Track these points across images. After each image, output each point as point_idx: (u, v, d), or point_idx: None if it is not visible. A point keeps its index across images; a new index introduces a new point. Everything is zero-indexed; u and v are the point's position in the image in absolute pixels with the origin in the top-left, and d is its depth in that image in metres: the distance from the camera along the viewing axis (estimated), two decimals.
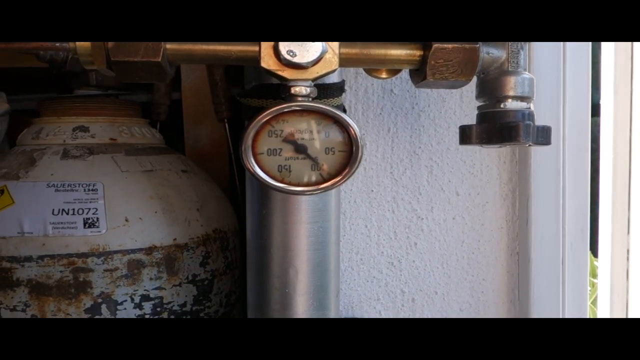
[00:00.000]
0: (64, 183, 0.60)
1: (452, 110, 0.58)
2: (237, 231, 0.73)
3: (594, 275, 0.95)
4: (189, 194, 0.67)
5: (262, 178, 0.37)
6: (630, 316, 0.61)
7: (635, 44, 0.67)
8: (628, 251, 0.61)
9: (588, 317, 0.59)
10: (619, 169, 0.62)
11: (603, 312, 0.64)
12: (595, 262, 0.97)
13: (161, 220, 0.62)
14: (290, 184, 0.38)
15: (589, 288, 0.59)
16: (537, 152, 0.56)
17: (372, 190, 0.58)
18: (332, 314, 0.47)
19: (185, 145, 0.86)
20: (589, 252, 0.58)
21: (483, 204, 0.59)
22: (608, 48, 0.75)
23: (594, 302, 0.95)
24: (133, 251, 0.60)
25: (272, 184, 0.37)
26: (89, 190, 0.61)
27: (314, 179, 0.38)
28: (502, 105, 0.40)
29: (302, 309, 0.45)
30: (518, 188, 0.58)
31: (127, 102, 0.71)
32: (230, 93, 0.84)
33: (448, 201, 0.59)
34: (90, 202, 0.60)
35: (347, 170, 0.38)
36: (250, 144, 0.36)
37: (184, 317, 0.63)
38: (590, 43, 0.56)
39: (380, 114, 0.58)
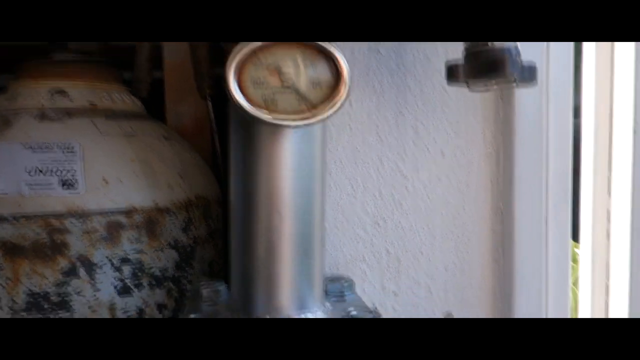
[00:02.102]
0: (40, 144, 0.59)
1: (438, 71, 0.58)
2: (219, 201, 0.72)
3: (574, 260, 0.96)
4: (171, 159, 0.65)
5: (247, 107, 0.36)
6: (612, 277, 0.62)
7: None
8: (609, 212, 0.62)
9: (570, 276, 0.60)
10: (600, 135, 0.63)
11: (584, 275, 0.65)
12: (575, 249, 0.98)
13: (141, 183, 0.60)
14: (276, 114, 0.37)
15: (571, 245, 0.59)
16: (521, 111, 0.57)
17: (358, 149, 0.58)
18: (317, 262, 0.46)
19: (167, 123, 0.85)
20: (571, 211, 0.59)
21: (468, 163, 0.59)
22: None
23: (575, 282, 0.96)
24: (112, 213, 0.58)
25: (257, 114, 0.37)
26: (66, 151, 0.59)
27: (299, 111, 0.38)
28: (489, 44, 0.40)
29: (287, 256, 0.45)
30: (502, 147, 0.59)
31: (107, 68, 0.69)
32: (214, 71, 0.83)
33: (434, 161, 0.59)
34: (68, 162, 0.58)
35: (333, 103, 0.38)
36: (234, 71, 0.36)
37: (165, 282, 0.61)
38: None
39: (367, 73, 0.58)
